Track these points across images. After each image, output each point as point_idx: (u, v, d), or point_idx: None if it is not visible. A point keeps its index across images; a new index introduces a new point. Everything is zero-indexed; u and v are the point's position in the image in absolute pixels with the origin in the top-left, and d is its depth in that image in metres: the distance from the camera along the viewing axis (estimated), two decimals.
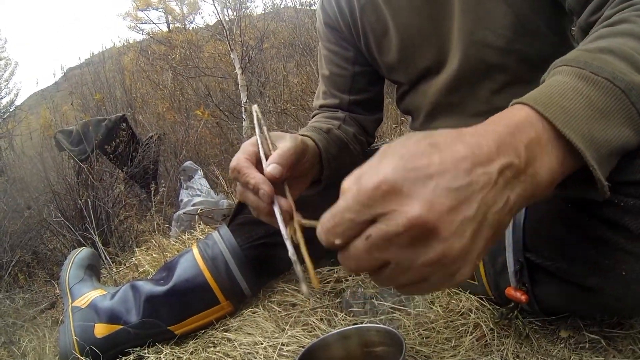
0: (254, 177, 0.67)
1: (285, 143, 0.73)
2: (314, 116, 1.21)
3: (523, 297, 0.76)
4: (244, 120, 4.04)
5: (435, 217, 0.40)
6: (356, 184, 0.43)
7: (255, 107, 0.73)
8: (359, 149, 1.13)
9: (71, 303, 1.14)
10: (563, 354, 0.75)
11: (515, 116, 0.49)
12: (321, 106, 1.22)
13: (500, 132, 0.46)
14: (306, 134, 0.92)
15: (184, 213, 2.07)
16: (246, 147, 0.72)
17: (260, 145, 0.71)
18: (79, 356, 1.04)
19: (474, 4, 0.94)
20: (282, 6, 9.02)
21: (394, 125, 3.06)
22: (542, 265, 0.74)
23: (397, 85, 1.23)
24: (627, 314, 0.76)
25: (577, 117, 0.49)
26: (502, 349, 0.79)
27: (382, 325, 0.75)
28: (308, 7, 8.95)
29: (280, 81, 5.21)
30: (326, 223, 0.44)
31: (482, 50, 0.96)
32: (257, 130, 0.72)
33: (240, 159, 0.70)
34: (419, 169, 0.41)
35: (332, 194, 0.76)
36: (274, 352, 0.90)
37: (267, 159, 0.70)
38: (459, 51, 0.98)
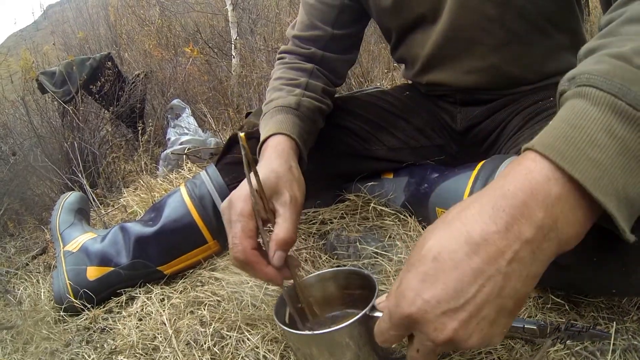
0: (266, 275, 0.72)
1: (282, 218, 0.73)
2: (280, 57, 1.17)
3: None
4: (234, 57, 3.94)
5: (450, 334, 0.45)
6: (388, 311, 0.51)
7: (240, 136, 0.70)
8: (328, 102, 1.10)
9: (63, 248, 1.14)
10: (530, 311, 0.79)
11: (531, 174, 0.44)
12: (295, 37, 1.15)
13: (510, 205, 0.44)
14: (281, 131, 0.90)
15: (171, 152, 2.04)
16: (245, 225, 0.72)
17: (255, 197, 0.72)
18: (73, 299, 1.05)
19: None
20: None
21: (385, 70, 2.98)
22: None
23: (388, 34, 1.18)
24: (592, 293, 0.79)
25: (609, 172, 0.42)
26: None
27: (359, 269, 0.76)
28: None
29: (272, 19, 5.05)
30: (379, 337, 0.53)
31: (482, 5, 0.94)
32: (245, 169, 0.72)
33: (247, 251, 0.71)
34: (427, 299, 0.45)
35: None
36: (260, 291, 0.93)
37: (260, 210, 0.73)
38: (455, 4, 0.95)
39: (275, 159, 0.82)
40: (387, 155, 1.17)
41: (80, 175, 2.18)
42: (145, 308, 0.98)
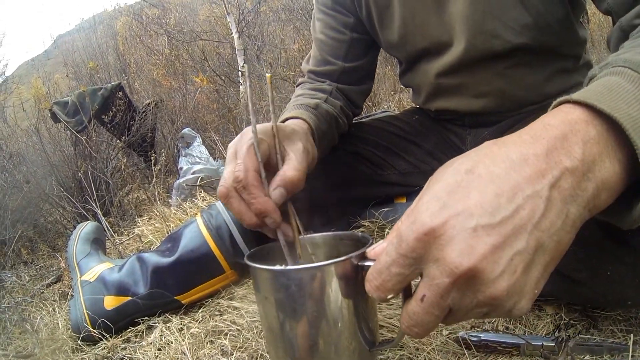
0: (262, 203, 0.63)
1: (293, 160, 0.68)
2: (299, 84, 1.20)
3: None
4: (241, 84, 3.99)
5: (476, 261, 0.37)
6: (397, 235, 0.41)
7: (267, 76, 0.68)
8: (346, 121, 1.13)
9: (80, 277, 1.15)
10: (548, 328, 0.79)
11: (570, 115, 0.42)
12: (310, 71, 1.19)
13: (549, 135, 0.41)
14: (298, 116, 0.92)
15: (186, 185, 2.06)
16: (252, 158, 0.65)
17: (261, 166, 0.64)
18: (91, 328, 1.06)
19: None
20: None
21: (391, 92, 3.02)
22: None
23: (398, 61, 1.23)
24: (608, 307, 0.80)
25: None
26: (493, 321, 0.83)
27: (354, 232, 0.66)
28: None
29: (278, 45, 5.13)
30: (374, 280, 0.43)
31: (490, 41, 0.96)
32: (270, 106, 0.67)
33: (249, 170, 0.63)
34: (457, 210, 0.39)
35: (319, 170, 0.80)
36: None
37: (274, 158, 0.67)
38: (464, 38, 0.98)
39: (295, 122, 0.84)
40: (400, 179, 1.19)
41: (94, 205, 2.21)
42: (164, 337, 0.99)
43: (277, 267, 0.52)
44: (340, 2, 1.15)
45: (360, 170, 1.17)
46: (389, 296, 0.43)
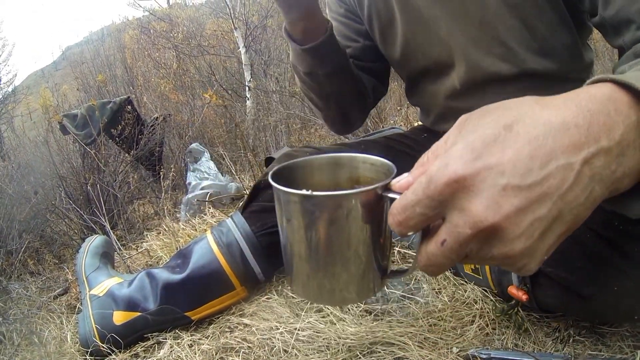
0: None
1: None
2: None
3: (524, 297, 0.81)
4: (248, 99, 4.03)
5: (501, 219, 0.38)
6: (426, 176, 0.42)
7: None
8: (361, 79, 1.19)
9: (88, 291, 1.16)
10: (557, 345, 0.80)
11: (614, 95, 0.43)
12: None
13: (594, 109, 0.41)
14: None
15: (196, 200, 2.07)
16: None
17: None
18: (100, 343, 1.06)
19: (490, 17, 0.94)
20: None
21: (398, 108, 3.05)
22: (544, 271, 0.78)
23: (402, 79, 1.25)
24: (616, 322, 0.82)
25: None
26: (502, 338, 0.84)
27: (378, 157, 0.63)
28: None
29: (284, 59, 5.17)
30: (397, 215, 0.44)
31: (494, 64, 0.97)
32: None
33: None
34: (490, 163, 0.39)
35: None
36: (291, 337, 0.93)
37: None
38: (465, 61, 0.99)
39: None
40: None
41: (102, 218, 2.21)
42: (174, 353, 0.99)
43: (304, 191, 0.52)
44: (352, 11, 1.18)
45: None
46: (409, 233, 0.44)
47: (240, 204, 1.28)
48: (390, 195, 0.48)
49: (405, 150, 1.22)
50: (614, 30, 0.75)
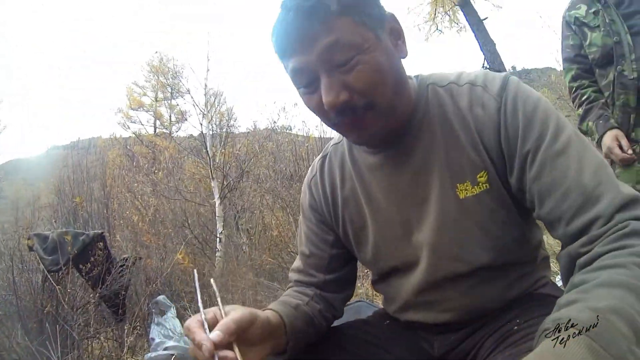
0: (200, 336, 0.77)
1: (233, 313, 0.85)
2: (288, 288, 1.34)
3: None
4: (218, 250, 4.19)
5: None
6: None
7: (212, 281, 0.89)
8: (324, 324, 1.24)
9: None
10: None
11: None
12: (296, 281, 1.31)
13: None
14: (274, 308, 1.06)
15: None
16: (198, 317, 0.84)
17: (204, 317, 0.83)
18: None
19: (450, 224, 1.07)
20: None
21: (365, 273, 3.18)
22: None
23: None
24: None
25: None
26: None
27: None
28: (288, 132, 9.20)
29: (257, 213, 5.42)
30: None
31: (454, 264, 1.09)
32: (207, 302, 0.90)
33: (192, 320, 0.79)
34: None
35: None
36: None
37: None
38: (427, 261, 1.12)
39: (263, 313, 0.96)
40: None
41: (53, 354, 2.19)
42: None
43: None
44: (322, 220, 1.29)
45: None
46: None
47: None
48: None
49: (367, 339, 1.28)
50: (550, 225, 0.91)
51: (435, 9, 10.19)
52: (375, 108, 0.89)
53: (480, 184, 0.99)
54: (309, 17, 0.83)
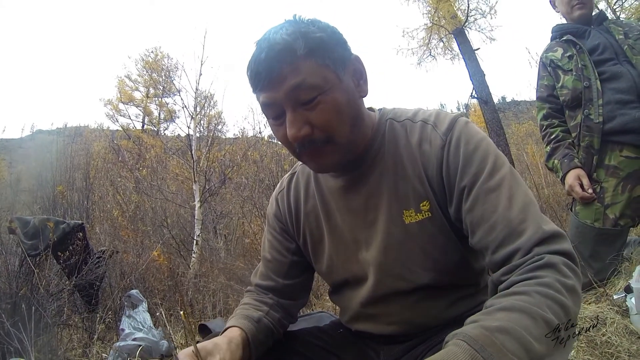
0: None
1: None
2: (247, 291, 1.44)
3: None
4: (194, 253, 4.28)
5: None
6: None
7: (181, 314, 1.03)
8: (281, 331, 1.35)
9: None
10: None
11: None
12: (257, 284, 1.41)
13: None
14: (239, 325, 1.17)
15: (126, 354, 2.20)
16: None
17: None
18: None
19: (394, 245, 1.16)
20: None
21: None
22: None
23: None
24: None
25: None
26: None
27: None
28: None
29: (235, 221, 5.50)
30: None
31: (397, 282, 1.20)
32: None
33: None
34: None
35: None
36: None
37: None
38: (374, 277, 1.22)
39: (220, 338, 1.06)
40: None
41: (26, 337, 2.25)
42: None
43: None
44: (285, 230, 1.38)
45: None
46: None
47: None
48: None
49: (321, 345, 1.38)
50: (480, 253, 0.96)
51: (430, 35, 10.39)
52: (334, 142, 0.98)
53: (423, 212, 1.07)
54: (278, 59, 0.91)
